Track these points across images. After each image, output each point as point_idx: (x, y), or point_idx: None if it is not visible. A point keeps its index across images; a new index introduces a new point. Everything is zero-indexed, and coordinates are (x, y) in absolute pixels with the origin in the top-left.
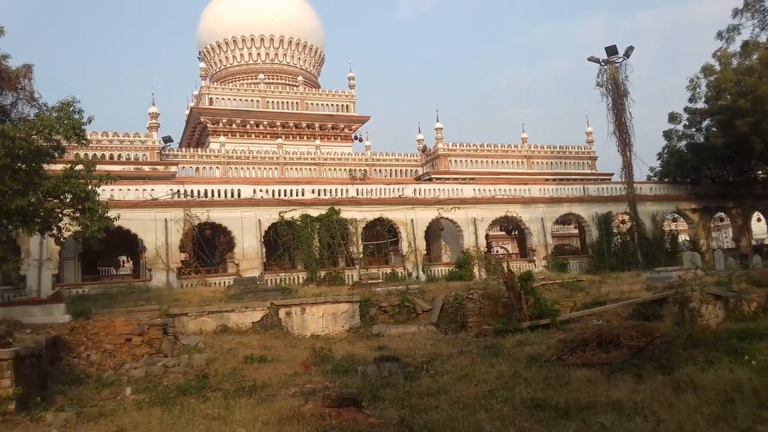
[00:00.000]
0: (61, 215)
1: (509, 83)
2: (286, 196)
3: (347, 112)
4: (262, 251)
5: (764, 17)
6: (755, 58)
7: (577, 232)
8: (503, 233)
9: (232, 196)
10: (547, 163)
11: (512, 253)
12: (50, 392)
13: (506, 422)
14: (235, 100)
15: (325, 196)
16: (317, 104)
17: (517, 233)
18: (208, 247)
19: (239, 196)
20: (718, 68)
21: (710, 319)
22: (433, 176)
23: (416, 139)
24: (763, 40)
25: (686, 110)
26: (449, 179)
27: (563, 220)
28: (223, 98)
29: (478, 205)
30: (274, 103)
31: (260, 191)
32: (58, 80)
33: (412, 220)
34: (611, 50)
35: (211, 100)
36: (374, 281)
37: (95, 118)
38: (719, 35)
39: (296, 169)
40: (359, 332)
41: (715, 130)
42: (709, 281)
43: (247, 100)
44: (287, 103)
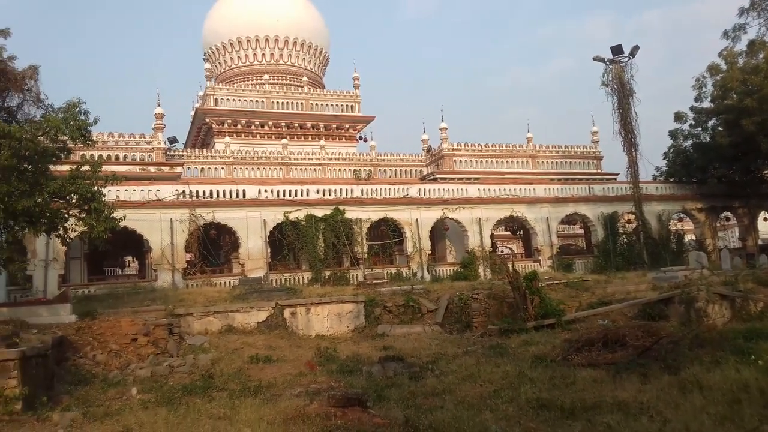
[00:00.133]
0: (67, 216)
1: (513, 83)
2: (290, 196)
3: (352, 112)
4: (267, 251)
5: None
6: (761, 57)
7: (582, 231)
8: (508, 233)
9: (237, 196)
10: (552, 162)
11: (517, 253)
12: (56, 392)
13: (511, 422)
14: (240, 100)
15: (329, 196)
16: (322, 104)
17: (522, 233)
18: (213, 247)
19: (244, 196)
20: (724, 67)
21: (716, 319)
22: (437, 176)
23: (421, 139)
24: None
25: (692, 109)
26: (454, 179)
27: (568, 219)
28: (228, 99)
29: (482, 205)
30: (278, 103)
31: (265, 191)
32: (62, 81)
33: (416, 220)
34: (616, 50)
35: (216, 100)
36: (379, 281)
37: (100, 119)
38: (725, 34)
39: (301, 169)
40: (364, 332)
41: (721, 129)
42: (715, 281)
43: (252, 100)
44: (292, 103)
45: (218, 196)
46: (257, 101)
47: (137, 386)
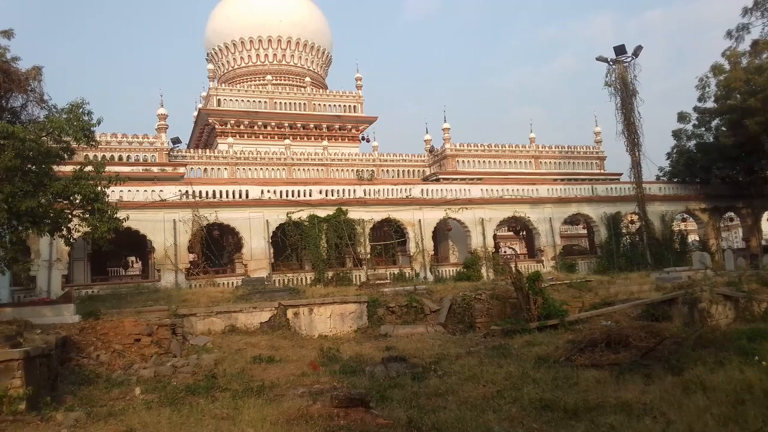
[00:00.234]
0: (70, 216)
1: (516, 83)
2: (293, 196)
3: (354, 112)
4: (269, 252)
5: None
6: (765, 57)
7: (585, 232)
8: (511, 233)
9: (240, 196)
10: (555, 163)
11: (520, 253)
12: (60, 392)
13: (514, 423)
14: (243, 101)
15: (332, 196)
16: (325, 105)
17: (525, 234)
18: (216, 247)
19: (247, 196)
20: (727, 67)
21: (720, 319)
22: (440, 176)
23: (423, 139)
24: None
25: (695, 110)
26: (457, 179)
27: (572, 220)
28: (231, 99)
29: (485, 205)
30: (281, 104)
31: (268, 192)
32: (64, 82)
33: (419, 220)
34: (620, 50)
35: (219, 101)
36: (382, 282)
37: (103, 119)
38: (728, 34)
39: (304, 169)
40: (367, 332)
41: (724, 129)
42: (718, 281)
43: (254, 101)
44: (295, 104)
45: (221, 196)
46: (260, 102)
47: (140, 386)
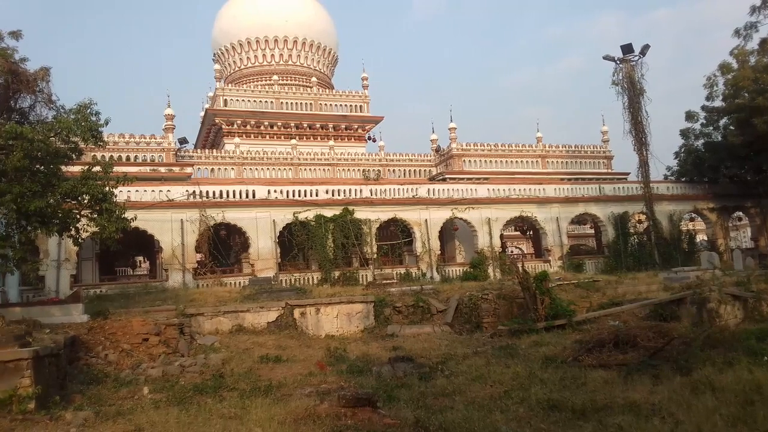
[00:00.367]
0: (79, 216)
1: (523, 83)
2: (300, 196)
3: (361, 112)
4: (276, 251)
5: None
6: None
7: (593, 232)
8: (518, 233)
9: (246, 196)
10: (562, 162)
11: (527, 253)
12: (69, 391)
13: (522, 423)
14: (249, 101)
15: (339, 196)
16: (331, 105)
17: (532, 233)
18: (223, 247)
19: (254, 196)
20: (735, 66)
21: (729, 319)
22: (447, 176)
23: (430, 139)
24: None
25: (703, 109)
26: (463, 179)
27: (579, 219)
28: (237, 99)
29: (492, 205)
30: (288, 104)
31: (275, 192)
32: (65, 82)
33: (426, 220)
34: (627, 48)
35: (225, 101)
36: (388, 281)
37: (111, 120)
38: (736, 33)
39: (310, 169)
40: (374, 332)
41: (732, 128)
42: (727, 281)
43: (261, 101)
44: (301, 104)
45: (228, 196)
46: (266, 102)
47: (149, 386)
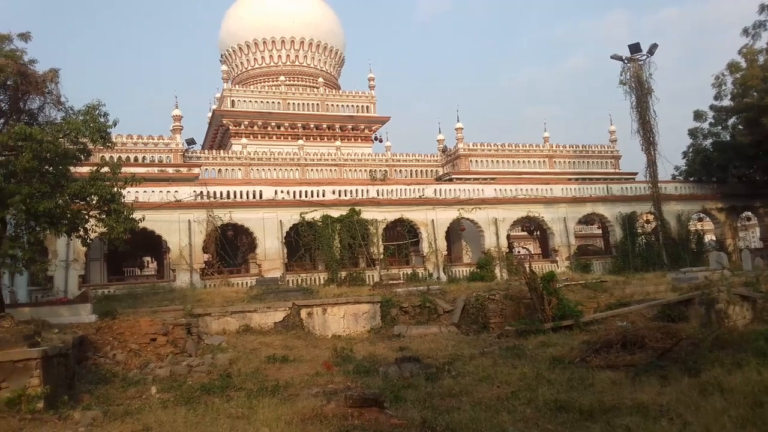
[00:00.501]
0: (87, 217)
1: (530, 82)
2: (306, 197)
3: (367, 112)
4: (283, 252)
5: None
6: None
7: (600, 232)
8: (525, 233)
9: (253, 197)
10: (569, 162)
11: (534, 253)
12: (77, 391)
13: (529, 424)
14: (256, 102)
15: (345, 196)
16: (337, 105)
17: (539, 233)
18: (230, 247)
19: (261, 197)
20: (744, 65)
21: (737, 320)
22: (453, 176)
23: (436, 139)
24: None
25: (712, 108)
26: (470, 179)
27: (586, 220)
28: (244, 100)
29: (499, 205)
30: (294, 104)
31: (281, 192)
32: (70, 83)
33: (432, 220)
34: (635, 48)
35: (233, 102)
36: (395, 282)
37: (119, 121)
38: (745, 32)
39: (317, 170)
40: (380, 333)
41: (741, 128)
42: (736, 282)
43: (268, 101)
44: (308, 104)
45: (235, 197)
46: (273, 102)
47: (156, 385)
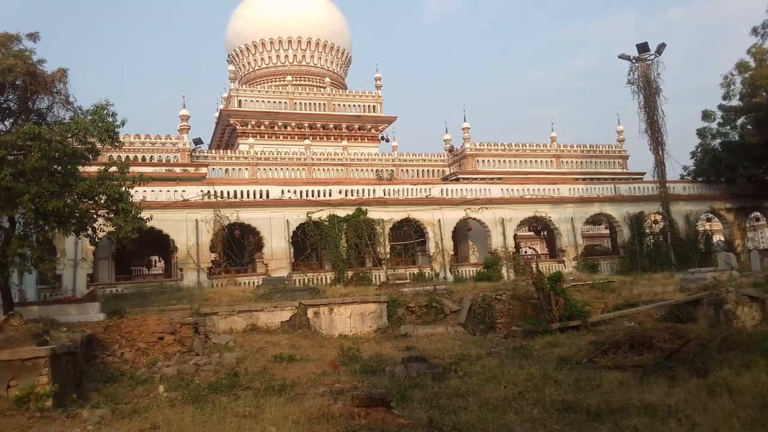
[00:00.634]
0: (95, 216)
1: (537, 82)
2: (313, 196)
3: (374, 112)
4: (290, 251)
5: None
6: None
7: (608, 232)
8: (532, 233)
9: (260, 196)
10: (576, 162)
11: (541, 253)
12: (86, 389)
13: (536, 424)
14: (263, 101)
15: (352, 196)
16: (344, 105)
17: (546, 233)
18: (237, 247)
19: (268, 196)
20: (753, 65)
21: (746, 321)
22: (460, 176)
23: (443, 139)
24: None
25: (720, 108)
26: (477, 179)
27: (594, 220)
28: (251, 100)
29: (506, 205)
30: (301, 104)
31: (288, 192)
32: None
33: (439, 220)
34: (642, 47)
35: (240, 102)
36: (401, 281)
37: (127, 121)
38: (754, 31)
39: (323, 169)
40: (387, 332)
41: (750, 128)
42: (744, 282)
43: (275, 101)
44: (315, 104)
45: (242, 196)
46: (280, 102)
47: (164, 384)
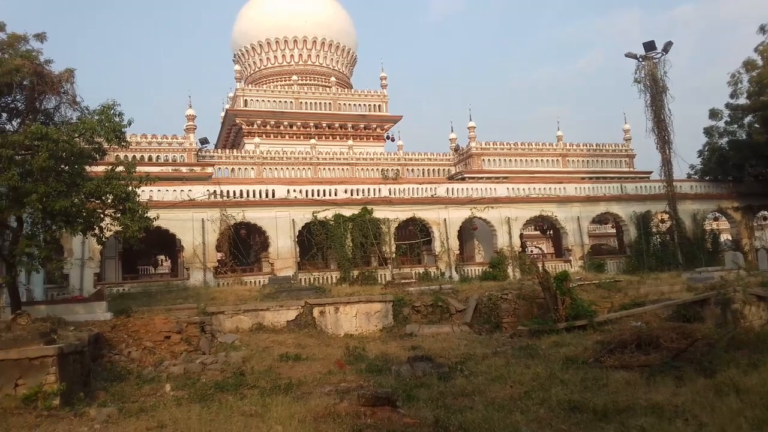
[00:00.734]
0: (102, 215)
1: (542, 81)
2: (319, 196)
3: (379, 111)
4: (296, 251)
5: None
6: None
7: (614, 231)
8: (538, 233)
9: (266, 196)
10: (583, 161)
11: (547, 253)
12: (93, 388)
13: (542, 424)
14: (269, 101)
15: (357, 195)
16: (350, 104)
17: (552, 233)
18: (243, 246)
19: (273, 196)
20: (760, 63)
21: (754, 320)
22: (466, 175)
23: (449, 138)
24: None
25: (727, 106)
26: (482, 178)
27: (600, 219)
28: (257, 100)
29: (512, 204)
30: (307, 103)
31: (294, 191)
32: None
33: (444, 219)
34: (649, 46)
35: (245, 101)
36: (407, 281)
37: (134, 120)
38: (761, 29)
39: (329, 169)
40: (392, 332)
41: (757, 126)
42: (752, 282)
43: (281, 101)
44: (320, 103)
45: (248, 196)
46: (286, 102)
47: (171, 383)
